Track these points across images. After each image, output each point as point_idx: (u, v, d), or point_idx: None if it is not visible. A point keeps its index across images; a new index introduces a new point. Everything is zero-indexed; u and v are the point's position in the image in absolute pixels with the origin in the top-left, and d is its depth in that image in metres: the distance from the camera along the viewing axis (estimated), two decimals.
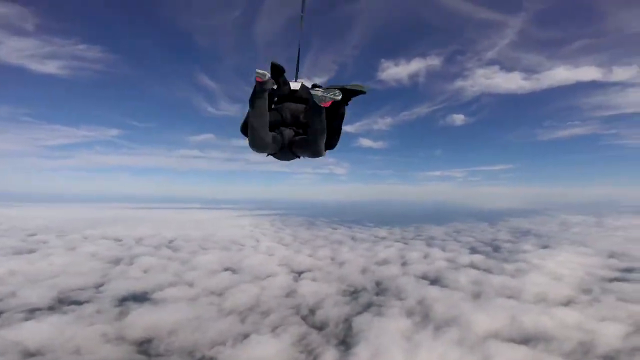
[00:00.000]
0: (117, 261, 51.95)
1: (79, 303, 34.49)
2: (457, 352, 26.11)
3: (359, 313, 33.66)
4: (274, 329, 29.53)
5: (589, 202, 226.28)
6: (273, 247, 67.53)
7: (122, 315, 31.61)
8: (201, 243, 68.24)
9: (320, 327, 30.95)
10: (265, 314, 32.96)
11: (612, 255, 54.22)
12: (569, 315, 31.23)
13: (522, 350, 25.91)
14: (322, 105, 3.46)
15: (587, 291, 37.95)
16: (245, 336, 27.72)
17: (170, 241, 69.66)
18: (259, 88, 3.51)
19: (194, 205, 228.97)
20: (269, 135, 3.72)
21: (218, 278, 43.88)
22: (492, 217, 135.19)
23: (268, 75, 3.51)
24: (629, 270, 45.45)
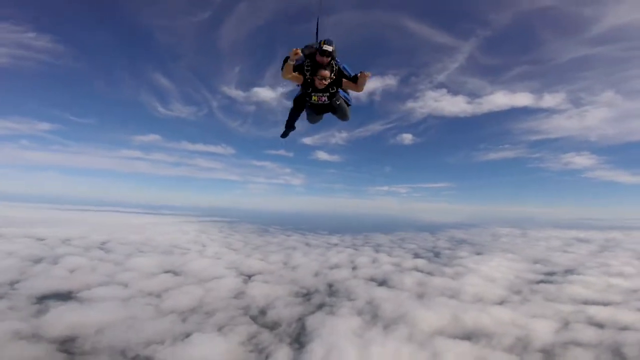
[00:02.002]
0: (38, 260, 45.12)
1: None
2: (407, 348, 26.87)
3: (312, 313, 33.17)
4: (220, 328, 27.55)
5: (515, 218, 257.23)
6: (221, 252, 63.84)
7: (40, 313, 27.81)
8: (138, 246, 61.83)
9: (271, 327, 29.70)
10: (210, 314, 30.68)
11: (536, 261, 61.42)
12: (504, 313, 33.91)
13: (466, 345, 27.40)
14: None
15: (517, 292, 41.93)
16: (187, 335, 25.39)
17: (103, 243, 61.96)
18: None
19: (133, 210, 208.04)
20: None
21: (156, 280, 39.96)
22: (432, 228, 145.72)
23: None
24: (551, 274, 51.54)
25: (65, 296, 32.67)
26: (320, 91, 5.47)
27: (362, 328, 30.04)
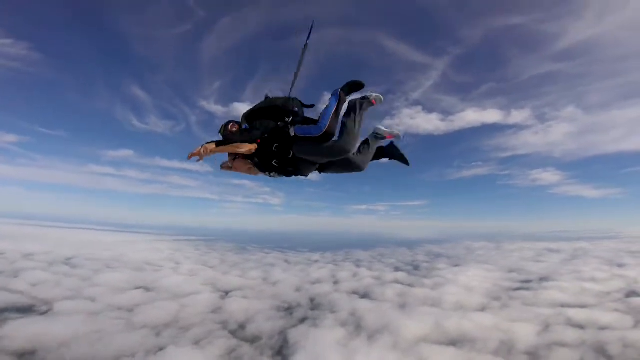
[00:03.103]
0: None
1: None
2: (393, 356, 26.59)
3: (294, 326, 32.26)
4: (197, 342, 26.00)
5: (488, 232, 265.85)
6: (197, 269, 61.02)
7: None
8: (108, 263, 57.93)
9: (252, 340, 28.48)
10: (186, 328, 29.00)
11: (512, 270, 63.03)
12: (486, 319, 34.47)
13: (451, 351, 27.52)
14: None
15: (497, 298, 42.78)
16: (161, 349, 23.71)
17: (68, 259, 57.48)
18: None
19: (102, 228, 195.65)
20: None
21: (127, 295, 37.46)
22: (410, 244, 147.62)
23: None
24: (527, 281, 52.85)
25: (26, 309, 30.19)
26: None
27: (347, 338, 29.57)
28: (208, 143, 3.98)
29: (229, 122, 4.28)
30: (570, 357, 25.94)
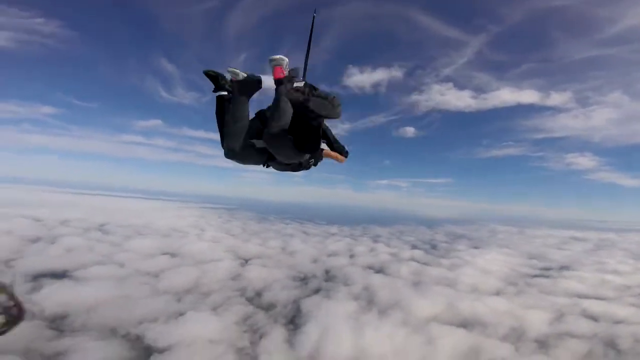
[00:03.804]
0: (35, 239, 44.93)
1: None
2: (402, 333, 26.99)
3: (308, 296, 33.35)
4: (215, 308, 27.67)
5: (513, 216, 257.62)
6: (219, 236, 63.84)
7: (33, 290, 27.70)
8: (138, 229, 61.77)
9: (267, 308, 29.93)
10: (206, 294, 30.86)
11: (532, 257, 61.37)
12: (500, 303, 34.02)
13: (461, 332, 27.48)
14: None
15: (513, 284, 41.99)
16: (181, 314, 25.45)
17: (102, 225, 61.82)
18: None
19: (132, 195, 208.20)
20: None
21: (154, 261, 40.01)
22: (431, 223, 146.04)
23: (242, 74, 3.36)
24: (546, 269, 51.56)
25: (60, 274, 32.61)
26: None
27: (358, 312, 30.24)
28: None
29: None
30: (579, 348, 25.34)
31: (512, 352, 24.67)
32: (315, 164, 3.89)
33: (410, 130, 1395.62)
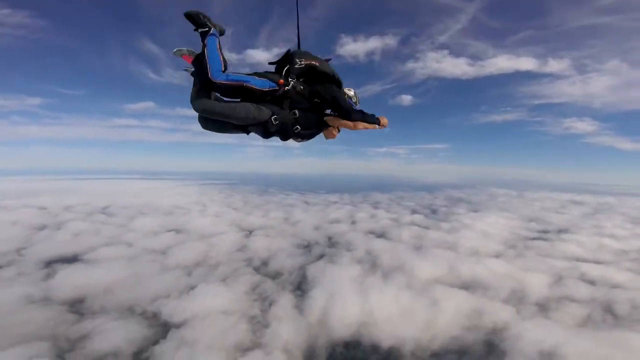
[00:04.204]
0: (41, 227, 45.50)
1: None
2: (406, 295, 27.86)
3: (313, 262, 34.33)
4: (224, 280, 28.63)
5: (512, 180, 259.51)
6: (222, 211, 64.66)
7: (48, 277, 28.49)
8: (140, 209, 62.33)
9: (274, 276, 30.92)
10: (214, 267, 31.77)
11: (531, 220, 62.29)
12: (500, 266, 34.75)
13: (464, 294, 28.18)
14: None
15: (512, 247, 42.87)
16: (192, 288, 26.37)
17: (104, 208, 62.31)
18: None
19: (131, 177, 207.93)
20: None
21: (160, 238, 40.79)
22: (430, 188, 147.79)
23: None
24: (545, 232, 52.43)
25: (71, 259, 33.30)
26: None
27: (362, 276, 31.19)
28: None
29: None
30: (579, 312, 25.86)
31: (514, 314, 25.17)
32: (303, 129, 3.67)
33: (406, 99, 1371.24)
